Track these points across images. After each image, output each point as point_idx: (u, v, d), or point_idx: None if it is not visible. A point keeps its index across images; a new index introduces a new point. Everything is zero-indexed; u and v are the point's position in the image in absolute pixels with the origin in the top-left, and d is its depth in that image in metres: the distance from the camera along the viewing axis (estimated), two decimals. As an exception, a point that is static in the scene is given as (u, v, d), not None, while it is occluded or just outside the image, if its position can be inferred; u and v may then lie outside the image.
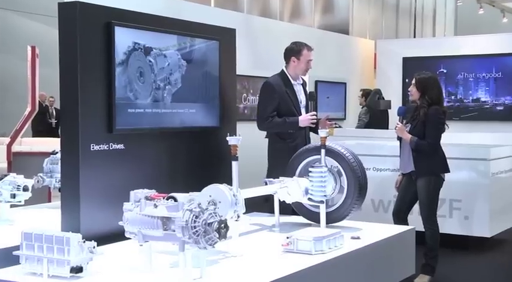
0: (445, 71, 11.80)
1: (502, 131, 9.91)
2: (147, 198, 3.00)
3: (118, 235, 3.31)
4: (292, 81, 5.02)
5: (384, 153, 6.55)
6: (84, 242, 2.89)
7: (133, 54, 3.93)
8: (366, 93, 10.05)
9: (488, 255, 6.25)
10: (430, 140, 4.96)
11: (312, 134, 5.04)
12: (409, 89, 5.13)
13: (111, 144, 3.81)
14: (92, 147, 3.71)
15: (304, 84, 5.16)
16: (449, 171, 5.10)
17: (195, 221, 2.78)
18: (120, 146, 3.87)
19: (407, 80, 11.67)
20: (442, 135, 5.06)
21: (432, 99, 4.99)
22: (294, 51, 5.02)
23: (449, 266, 5.67)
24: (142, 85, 4.00)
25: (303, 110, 5.03)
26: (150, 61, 4.04)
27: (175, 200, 2.92)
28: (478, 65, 11.66)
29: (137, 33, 3.96)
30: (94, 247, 2.92)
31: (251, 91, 9.13)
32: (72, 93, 3.65)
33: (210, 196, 3.22)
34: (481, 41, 11.72)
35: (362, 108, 9.96)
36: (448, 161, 5.10)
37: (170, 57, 4.19)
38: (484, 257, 6.18)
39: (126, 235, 3.04)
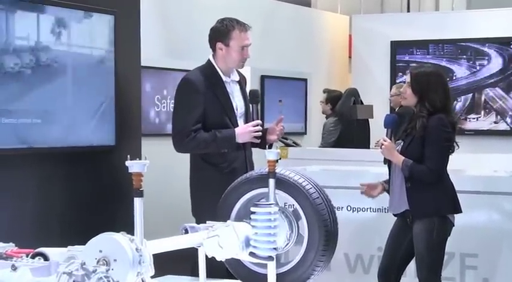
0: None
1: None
2: (1, 256, 2.97)
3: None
4: (224, 78, 5.05)
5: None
6: None
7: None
8: (332, 98, 10.06)
9: None
10: (431, 164, 5.03)
11: (256, 154, 5.08)
12: (392, 93, 5.21)
13: None
14: None
15: (242, 82, 5.19)
16: (461, 211, 5.19)
17: (76, 290, 2.76)
18: (-39, 176, 3.83)
19: (400, 77, 11.88)
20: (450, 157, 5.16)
21: (434, 105, 5.07)
22: (219, 33, 5.04)
23: None
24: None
25: (240, 121, 5.06)
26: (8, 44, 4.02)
27: (46, 259, 2.90)
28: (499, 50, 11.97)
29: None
30: None
31: (165, 91, 9.12)
32: None
33: (101, 251, 3.20)
34: (503, 17, 12.02)
35: (327, 118, 10.04)
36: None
37: (37, 41, 4.17)
38: None
39: (-32, 314, 2.99)
